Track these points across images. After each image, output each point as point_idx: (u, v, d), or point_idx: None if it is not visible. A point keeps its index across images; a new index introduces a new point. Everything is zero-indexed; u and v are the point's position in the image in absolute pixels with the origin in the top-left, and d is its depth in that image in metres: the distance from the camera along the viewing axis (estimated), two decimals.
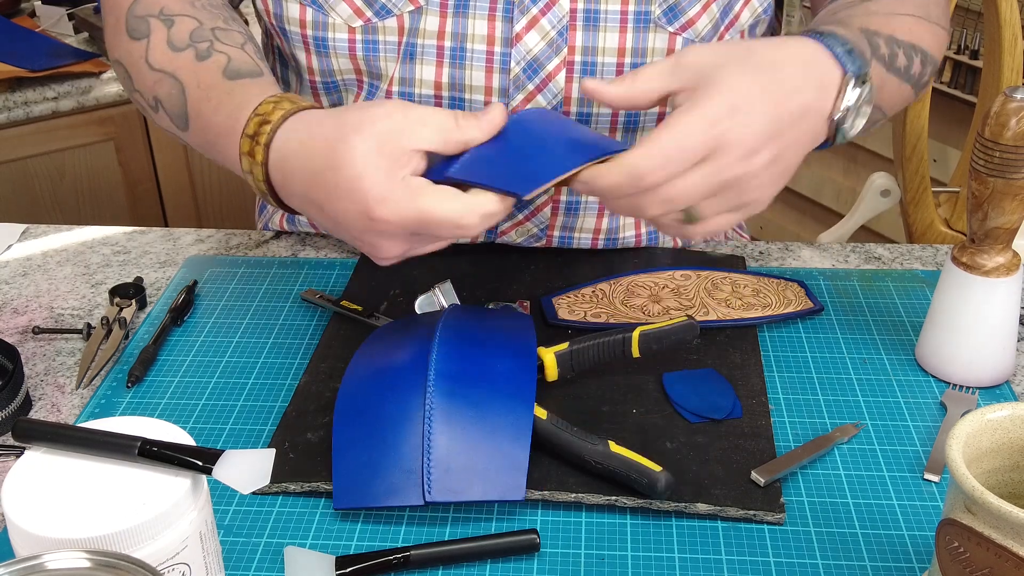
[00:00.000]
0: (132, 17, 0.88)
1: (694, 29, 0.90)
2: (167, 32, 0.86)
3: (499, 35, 0.89)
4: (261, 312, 0.94)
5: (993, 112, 0.74)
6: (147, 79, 0.86)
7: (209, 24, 0.87)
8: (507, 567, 0.68)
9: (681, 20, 0.89)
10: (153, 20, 0.87)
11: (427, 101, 0.92)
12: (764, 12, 0.94)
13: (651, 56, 0.90)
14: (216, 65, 0.83)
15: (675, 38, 0.90)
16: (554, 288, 0.95)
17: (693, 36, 0.90)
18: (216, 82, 0.82)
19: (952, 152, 2.12)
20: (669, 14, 0.89)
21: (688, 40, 0.90)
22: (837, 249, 1.03)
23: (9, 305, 0.97)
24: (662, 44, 0.90)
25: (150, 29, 0.87)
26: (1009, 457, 0.61)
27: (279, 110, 0.75)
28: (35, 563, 0.49)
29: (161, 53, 0.85)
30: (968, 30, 2.03)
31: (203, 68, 0.83)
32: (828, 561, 0.68)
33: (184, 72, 0.84)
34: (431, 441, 0.71)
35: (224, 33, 0.86)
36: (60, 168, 1.83)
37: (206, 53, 0.84)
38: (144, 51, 0.86)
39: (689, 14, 0.89)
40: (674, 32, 0.90)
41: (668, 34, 0.90)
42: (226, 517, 0.72)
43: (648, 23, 0.89)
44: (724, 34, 0.92)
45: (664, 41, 0.90)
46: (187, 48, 0.84)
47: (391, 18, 0.89)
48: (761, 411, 0.79)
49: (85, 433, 0.58)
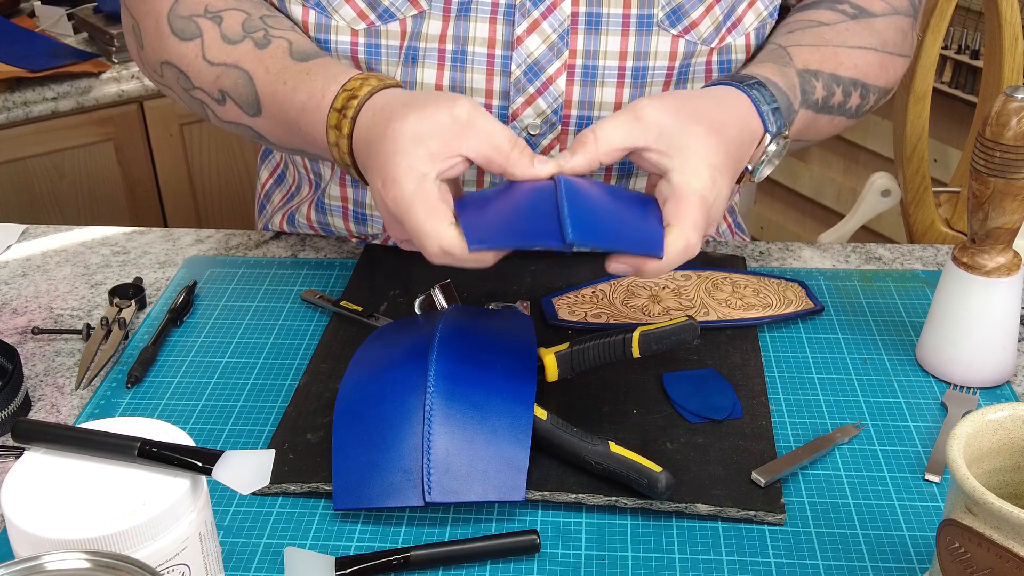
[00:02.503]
0: (176, 18, 0.89)
1: (697, 32, 0.90)
2: (219, 28, 0.88)
3: (500, 38, 0.88)
4: (261, 313, 0.94)
5: (994, 112, 0.74)
6: (207, 75, 0.88)
7: (257, 13, 0.88)
8: (507, 568, 0.67)
9: (684, 23, 0.89)
10: (200, 20, 0.88)
11: None
12: (770, 16, 0.93)
13: (653, 60, 0.90)
14: (280, 50, 0.85)
15: (678, 41, 0.90)
16: (554, 288, 0.95)
17: (696, 39, 0.90)
18: (287, 64, 0.84)
19: (953, 152, 2.12)
20: (672, 17, 0.89)
21: (690, 43, 0.90)
22: (837, 249, 1.03)
23: (8, 305, 0.97)
24: (665, 47, 0.90)
25: (200, 28, 0.88)
26: (1010, 457, 0.60)
27: (367, 86, 0.78)
28: (35, 564, 0.49)
29: (218, 48, 0.87)
30: (968, 30, 2.03)
31: (267, 55, 0.85)
32: (829, 562, 0.67)
33: (247, 62, 0.86)
34: (431, 442, 0.71)
35: (273, 19, 0.89)
36: (60, 168, 1.83)
37: (264, 41, 0.86)
38: (199, 49, 0.88)
39: (692, 16, 0.89)
40: (677, 35, 0.89)
41: (671, 37, 0.89)
42: (226, 518, 0.72)
43: (651, 26, 0.89)
44: (726, 36, 0.91)
45: (667, 44, 0.90)
46: (244, 39, 0.86)
47: (394, 22, 0.89)
48: (761, 411, 0.79)
49: (85, 434, 0.58)
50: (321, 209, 1.04)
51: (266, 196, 1.13)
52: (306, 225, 1.06)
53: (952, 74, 2.09)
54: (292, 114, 0.83)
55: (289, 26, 0.88)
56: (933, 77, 1.56)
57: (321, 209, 1.04)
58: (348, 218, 1.02)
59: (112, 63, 1.83)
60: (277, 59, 0.85)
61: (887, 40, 0.92)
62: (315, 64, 0.83)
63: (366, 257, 1.00)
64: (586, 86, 0.90)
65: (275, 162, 1.11)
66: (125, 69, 1.82)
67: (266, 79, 0.84)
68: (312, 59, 0.84)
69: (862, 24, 0.91)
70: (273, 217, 1.11)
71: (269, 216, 1.12)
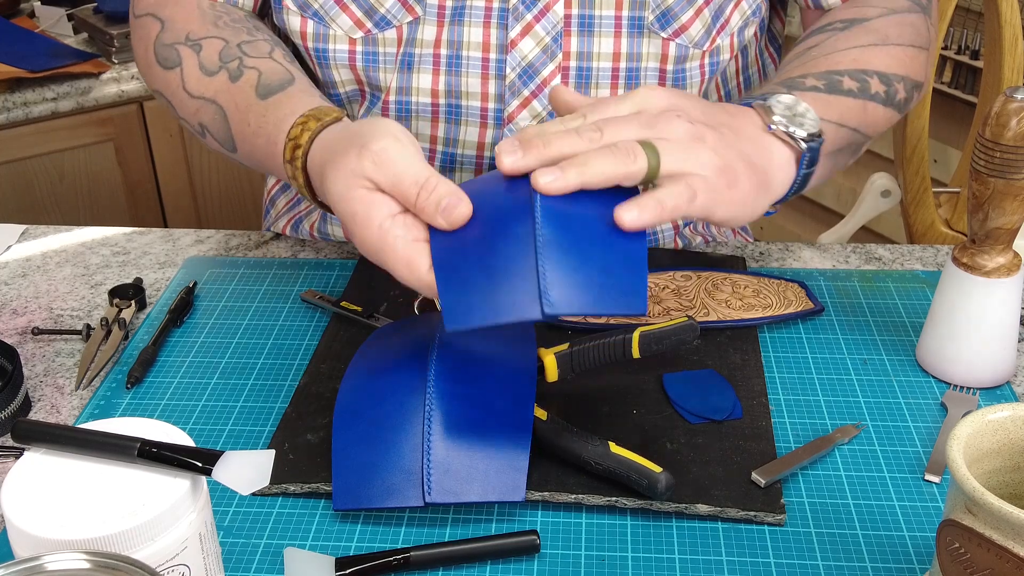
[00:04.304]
0: (160, 46, 0.89)
1: (687, 34, 0.90)
2: (197, 57, 0.87)
3: (494, 42, 0.89)
4: (261, 313, 0.94)
5: (994, 112, 0.74)
6: (188, 107, 0.87)
7: (235, 40, 0.87)
8: (507, 568, 0.67)
9: (674, 25, 0.90)
10: (181, 47, 0.88)
11: (424, 109, 0.93)
12: (753, 15, 0.94)
13: (645, 61, 0.90)
14: (248, 84, 0.83)
15: (668, 43, 0.90)
16: None
17: (686, 41, 0.90)
18: (251, 103, 0.82)
19: (953, 152, 2.12)
20: (662, 19, 0.89)
21: (681, 46, 0.90)
22: (837, 249, 1.03)
23: (8, 306, 0.97)
24: (656, 49, 0.90)
25: (180, 57, 0.88)
26: (1010, 458, 0.60)
27: (306, 131, 0.75)
28: (35, 564, 0.49)
29: (196, 80, 0.86)
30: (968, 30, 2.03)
31: (237, 89, 0.84)
32: (829, 562, 0.67)
33: (222, 96, 0.84)
34: (431, 442, 0.71)
35: (251, 46, 0.87)
36: (60, 169, 1.83)
37: (237, 72, 0.84)
38: (180, 79, 0.87)
39: (682, 19, 0.89)
40: (667, 38, 0.90)
41: (661, 40, 0.90)
42: (226, 518, 0.72)
43: (642, 28, 0.89)
44: (716, 38, 0.92)
45: (658, 47, 0.90)
46: (220, 70, 0.85)
47: (391, 29, 0.89)
48: (761, 412, 0.79)
49: (84, 434, 0.58)
50: (325, 218, 1.04)
51: (271, 201, 1.14)
52: (308, 232, 1.07)
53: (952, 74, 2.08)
54: (259, 156, 0.82)
55: (266, 52, 0.86)
56: (933, 77, 1.56)
57: (325, 218, 1.04)
58: None
59: (112, 63, 1.83)
60: (244, 95, 0.83)
61: (888, 35, 0.90)
62: (272, 103, 0.81)
63: (366, 258, 1.00)
64: (580, 88, 0.91)
65: None
66: (125, 69, 1.82)
67: (236, 117, 0.83)
68: (273, 95, 0.81)
69: (852, 30, 0.89)
70: (278, 221, 1.11)
71: (274, 220, 1.12)
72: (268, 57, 0.86)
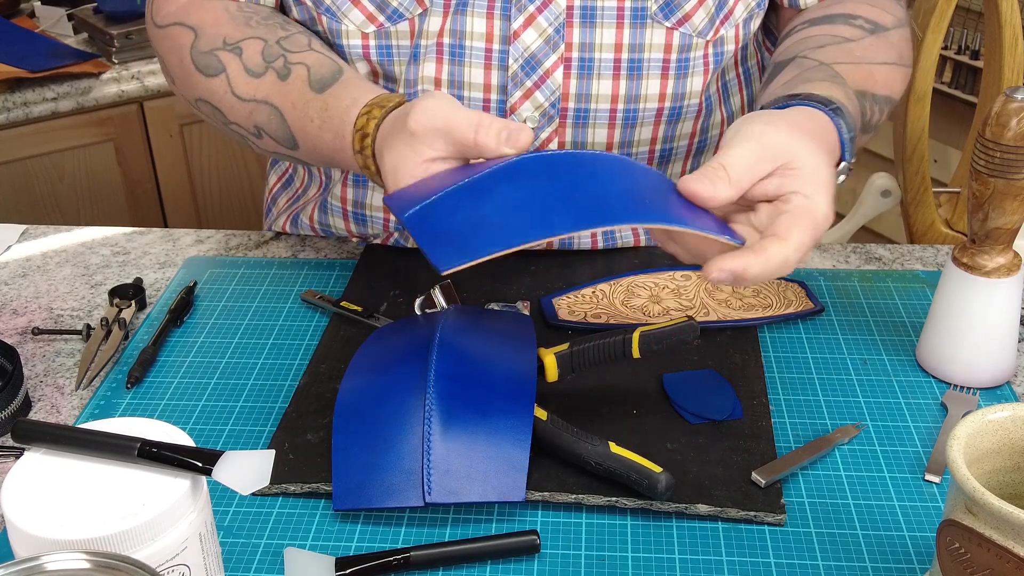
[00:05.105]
0: (198, 55, 0.89)
1: (691, 23, 0.90)
2: (240, 61, 0.87)
3: (497, 32, 0.89)
4: (261, 313, 0.94)
5: (994, 112, 0.74)
6: (240, 111, 0.88)
7: (272, 38, 0.88)
8: (507, 568, 0.67)
9: (678, 15, 0.90)
10: (221, 53, 0.88)
11: None
12: (758, 6, 0.94)
13: (648, 52, 0.91)
14: (299, 80, 0.85)
15: (672, 33, 0.90)
16: (554, 289, 0.95)
17: (690, 31, 0.90)
18: (308, 98, 0.84)
19: (953, 152, 2.12)
20: (666, 9, 0.89)
21: (685, 35, 0.90)
22: (838, 249, 1.03)
23: (8, 306, 0.97)
24: (659, 39, 0.90)
25: (222, 63, 0.88)
26: (1010, 458, 0.60)
27: (372, 120, 0.79)
28: (34, 564, 0.49)
29: (244, 83, 0.87)
30: (968, 30, 2.03)
31: (289, 88, 0.85)
32: (829, 562, 0.67)
33: (275, 96, 0.86)
34: (431, 442, 0.71)
35: (289, 41, 0.88)
36: (59, 169, 1.83)
37: (285, 70, 0.86)
38: (226, 85, 0.88)
39: (685, 8, 0.90)
40: (671, 27, 0.90)
41: (665, 29, 0.90)
42: (226, 518, 0.72)
43: (645, 18, 0.89)
44: (720, 28, 0.92)
45: (661, 36, 0.90)
46: (266, 71, 0.86)
47: (403, 22, 0.89)
48: (761, 412, 0.79)
49: (85, 434, 0.58)
50: (324, 209, 1.04)
51: (273, 200, 1.14)
52: (308, 226, 1.07)
53: (952, 74, 2.09)
54: (325, 151, 0.84)
55: (306, 44, 0.88)
56: (933, 77, 1.56)
57: (324, 209, 1.04)
58: (348, 219, 1.02)
59: (112, 63, 1.83)
60: (299, 91, 0.85)
61: (903, 53, 0.93)
62: (331, 96, 0.83)
63: (366, 257, 1.00)
64: (583, 79, 0.91)
65: (283, 168, 1.12)
66: (125, 69, 1.82)
67: (294, 115, 0.85)
68: (328, 87, 0.84)
69: (881, 39, 0.91)
70: (278, 219, 1.11)
71: (274, 219, 1.12)
72: (309, 49, 0.87)
